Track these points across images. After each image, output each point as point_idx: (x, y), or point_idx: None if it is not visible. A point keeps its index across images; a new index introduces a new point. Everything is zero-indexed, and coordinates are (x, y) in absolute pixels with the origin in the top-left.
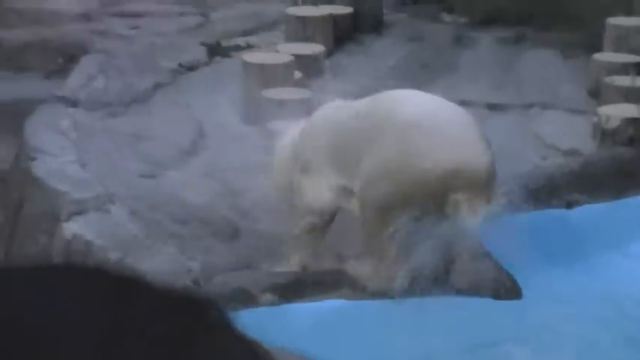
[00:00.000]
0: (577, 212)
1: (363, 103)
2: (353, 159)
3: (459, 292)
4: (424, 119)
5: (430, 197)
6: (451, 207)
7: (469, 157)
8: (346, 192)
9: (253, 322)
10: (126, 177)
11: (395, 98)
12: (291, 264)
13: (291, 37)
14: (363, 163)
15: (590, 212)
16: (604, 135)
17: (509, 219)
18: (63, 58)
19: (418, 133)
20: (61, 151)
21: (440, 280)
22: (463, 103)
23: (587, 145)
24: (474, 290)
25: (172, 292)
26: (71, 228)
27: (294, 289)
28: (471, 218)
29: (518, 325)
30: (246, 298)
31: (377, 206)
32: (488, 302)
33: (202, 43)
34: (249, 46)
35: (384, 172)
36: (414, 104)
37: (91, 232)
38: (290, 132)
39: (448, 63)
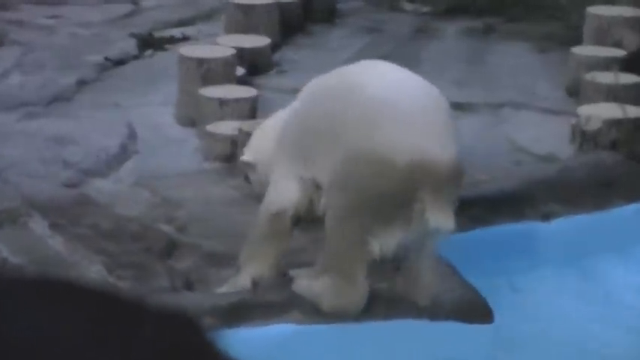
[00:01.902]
0: (554, 225)
1: (331, 77)
2: (319, 147)
3: (423, 313)
4: (390, 100)
5: (396, 195)
6: (418, 207)
7: (437, 147)
8: (314, 186)
9: None
10: (46, 186)
11: (360, 72)
12: (242, 275)
13: (232, 28)
14: (328, 153)
15: (568, 225)
16: (584, 138)
17: (478, 232)
18: None
19: (382, 116)
20: None
21: (402, 300)
22: None
23: (565, 150)
24: (439, 312)
25: (163, 310)
26: None
27: (237, 312)
28: (440, 221)
29: (489, 351)
30: None
31: (343, 206)
32: (456, 325)
33: (132, 35)
34: (185, 38)
35: (347, 164)
36: (381, 79)
37: (6, 248)
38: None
39: (409, 57)
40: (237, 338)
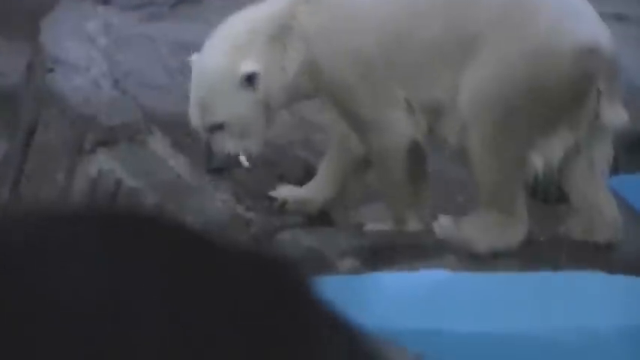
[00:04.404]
0: None
1: None
2: (431, 63)
3: (602, 266)
4: None
5: (569, 90)
6: (590, 102)
7: (601, 32)
8: (431, 112)
9: (328, 294)
10: (170, 99)
11: None
12: (393, 220)
13: None
14: (449, 69)
15: None
16: None
17: None
18: None
19: (530, 8)
20: (86, 63)
21: (577, 246)
22: None
23: None
24: (622, 264)
25: (257, 255)
26: (97, 162)
27: (382, 253)
28: (614, 115)
29: None
30: (319, 264)
31: (496, 123)
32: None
33: None
34: None
35: (497, 71)
36: None
37: (123, 168)
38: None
39: None
40: (381, 282)
